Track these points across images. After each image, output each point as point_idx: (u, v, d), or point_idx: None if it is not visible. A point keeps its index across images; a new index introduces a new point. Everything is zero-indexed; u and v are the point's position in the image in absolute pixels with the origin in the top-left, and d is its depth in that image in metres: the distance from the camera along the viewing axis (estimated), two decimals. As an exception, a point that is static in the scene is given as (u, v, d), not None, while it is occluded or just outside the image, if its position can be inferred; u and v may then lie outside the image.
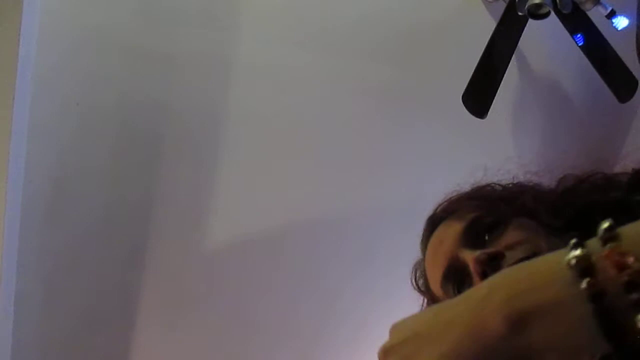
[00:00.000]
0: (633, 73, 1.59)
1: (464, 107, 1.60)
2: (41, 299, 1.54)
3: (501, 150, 1.80)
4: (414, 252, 0.85)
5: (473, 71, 1.59)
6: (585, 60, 1.60)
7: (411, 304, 0.81)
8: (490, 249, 0.69)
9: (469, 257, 0.70)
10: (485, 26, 1.65)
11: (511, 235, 0.70)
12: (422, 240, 0.82)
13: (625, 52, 1.61)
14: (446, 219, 0.80)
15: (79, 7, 1.58)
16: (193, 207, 1.65)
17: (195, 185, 1.65)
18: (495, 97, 1.60)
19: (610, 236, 0.38)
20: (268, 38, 1.69)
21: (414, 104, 1.76)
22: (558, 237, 0.68)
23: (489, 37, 1.58)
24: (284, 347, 1.69)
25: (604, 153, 1.89)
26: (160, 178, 1.63)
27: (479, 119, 1.62)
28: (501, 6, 1.61)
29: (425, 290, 0.83)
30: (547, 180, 0.80)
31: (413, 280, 0.86)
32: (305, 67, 1.71)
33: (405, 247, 0.83)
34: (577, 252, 0.38)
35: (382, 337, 0.47)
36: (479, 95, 1.60)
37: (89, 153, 1.58)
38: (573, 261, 0.38)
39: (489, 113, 1.61)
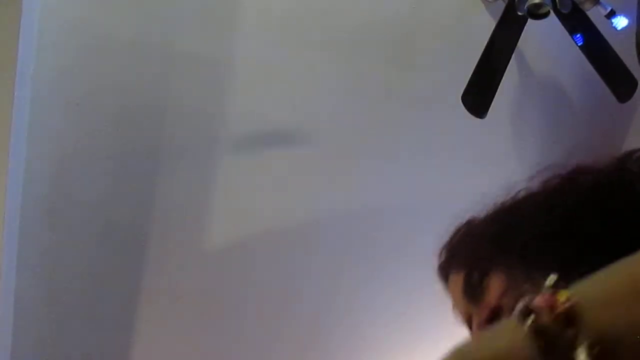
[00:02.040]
0: (632, 73, 1.59)
1: (464, 107, 1.61)
2: (41, 299, 1.54)
3: (501, 150, 1.80)
4: (411, 252, 0.85)
5: (473, 71, 1.59)
6: (585, 60, 1.60)
7: (407, 303, 0.81)
8: (485, 314, 0.72)
9: (475, 323, 0.74)
10: (485, 26, 1.65)
11: (495, 289, 0.73)
12: (445, 290, 0.86)
13: (624, 52, 1.61)
14: (449, 271, 0.83)
15: (79, 7, 1.58)
16: (193, 207, 1.66)
17: (195, 185, 1.65)
18: (495, 97, 1.60)
19: (554, 287, 0.40)
20: (268, 38, 1.69)
21: (413, 103, 1.76)
22: (538, 268, 0.69)
23: (489, 37, 1.58)
24: (283, 346, 1.69)
25: (602, 152, 1.89)
26: (160, 178, 1.63)
27: (478, 119, 1.62)
28: (501, 6, 1.61)
29: None
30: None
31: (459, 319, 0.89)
32: (305, 67, 1.71)
33: (403, 247, 0.84)
34: (523, 301, 0.40)
35: (377, 336, 0.48)
36: (478, 95, 1.60)
37: (88, 153, 1.58)
38: (518, 309, 0.40)
39: (488, 113, 1.61)
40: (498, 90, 1.60)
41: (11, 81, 1.38)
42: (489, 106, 1.60)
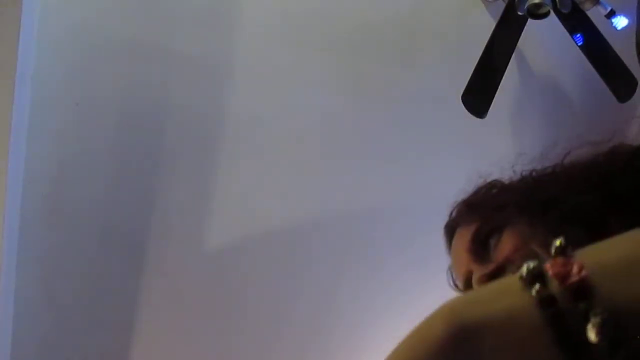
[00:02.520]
0: (633, 73, 1.59)
1: (464, 107, 1.61)
2: (41, 299, 1.54)
3: (501, 150, 1.80)
4: (410, 252, 0.85)
5: (472, 71, 1.59)
6: (585, 60, 1.60)
7: (406, 303, 0.81)
8: (489, 268, 0.70)
9: (476, 277, 0.72)
10: (484, 26, 1.65)
11: (507, 245, 0.70)
12: (447, 248, 0.83)
13: (624, 51, 1.61)
14: (458, 227, 0.81)
15: (79, 7, 1.58)
16: (193, 207, 1.66)
17: (195, 185, 1.65)
18: (495, 97, 1.60)
19: (561, 251, 0.38)
20: (267, 38, 1.70)
21: (413, 103, 1.76)
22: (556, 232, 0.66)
23: (489, 36, 1.58)
24: (283, 346, 1.69)
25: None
26: (161, 178, 1.63)
27: (478, 119, 1.62)
28: (501, 6, 1.61)
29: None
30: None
31: (451, 281, 0.86)
32: (304, 68, 1.72)
33: (402, 247, 0.84)
34: (530, 264, 0.37)
35: (377, 336, 0.47)
36: (478, 95, 1.60)
37: (88, 154, 1.58)
38: (524, 272, 0.37)
39: (488, 113, 1.61)
40: (498, 90, 1.60)
41: (11, 81, 1.38)
42: (489, 106, 1.60)
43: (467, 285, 0.75)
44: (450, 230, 0.82)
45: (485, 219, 0.74)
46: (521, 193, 0.74)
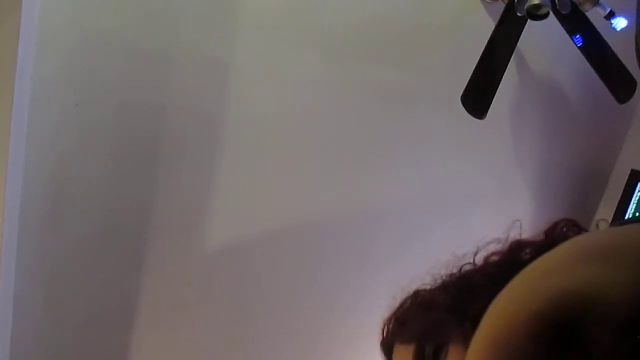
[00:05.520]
0: (632, 74, 1.60)
1: (463, 108, 1.61)
2: (41, 300, 1.54)
3: (501, 150, 1.80)
4: (411, 253, 0.85)
5: (472, 72, 1.59)
6: (584, 61, 1.60)
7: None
8: None
9: None
10: (484, 27, 1.65)
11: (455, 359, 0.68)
12: None
13: (624, 52, 1.61)
14: (394, 343, 0.78)
15: (78, 8, 1.58)
16: (192, 208, 1.66)
17: (195, 186, 1.66)
18: (495, 97, 1.61)
19: None
20: (268, 39, 1.70)
21: (413, 104, 1.76)
22: None
23: (488, 37, 1.58)
24: (283, 347, 1.69)
25: (602, 153, 1.89)
26: (160, 179, 1.63)
27: (478, 119, 1.62)
28: (500, 7, 1.62)
29: None
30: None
31: None
32: (305, 68, 1.72)
33: (403, 248, 0.84)
34: None
35: (378, 336, 0.47)
36: (478, 96, 1.60)
37: (88, 154, 1.58)
38: None
39: (488, 113, 1.61)
40: (498, 90, 1.61)
41: (11, 81, 1.38)
42: (489, 107, 1.60)
43: None
44: (387, 348, 0.80)
45: (421, 338, 0.72)
46: (446, 306, 0.71)
